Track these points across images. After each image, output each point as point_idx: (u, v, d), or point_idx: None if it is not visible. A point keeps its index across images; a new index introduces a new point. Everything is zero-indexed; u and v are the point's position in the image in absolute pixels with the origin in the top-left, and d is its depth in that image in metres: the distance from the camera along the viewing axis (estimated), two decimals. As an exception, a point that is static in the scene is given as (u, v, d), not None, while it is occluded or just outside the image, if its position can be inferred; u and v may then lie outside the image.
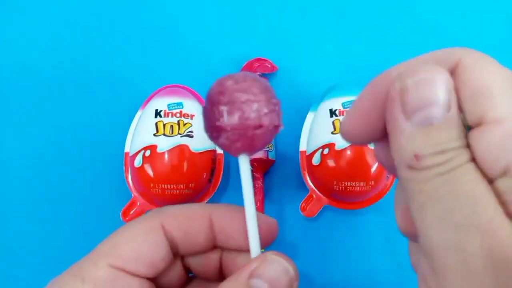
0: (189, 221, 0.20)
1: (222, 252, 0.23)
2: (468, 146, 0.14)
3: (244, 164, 0.19)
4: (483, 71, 0.15)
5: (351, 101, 0.35)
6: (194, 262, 0.22)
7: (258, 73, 0.39)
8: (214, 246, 0.22)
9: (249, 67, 0.39)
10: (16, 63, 0.40)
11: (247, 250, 0.20)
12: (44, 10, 0.41)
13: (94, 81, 0.39)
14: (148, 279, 0.20)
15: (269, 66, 0.39)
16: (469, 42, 0.41)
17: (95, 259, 0.19)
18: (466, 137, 0.14)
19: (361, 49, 0.41)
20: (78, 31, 0.41)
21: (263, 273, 0.18)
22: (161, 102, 0.35)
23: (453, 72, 0.15)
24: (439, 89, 0.14)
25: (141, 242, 0.19)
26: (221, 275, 0.23)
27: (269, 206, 0.37)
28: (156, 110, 0.34)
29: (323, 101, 0.36)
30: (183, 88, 0.36)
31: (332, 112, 0.35)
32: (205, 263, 0.22)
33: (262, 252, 0.19)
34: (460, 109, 0.14)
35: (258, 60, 0.39)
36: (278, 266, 0.18)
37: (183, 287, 0.23)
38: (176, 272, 0.22)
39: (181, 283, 0.23)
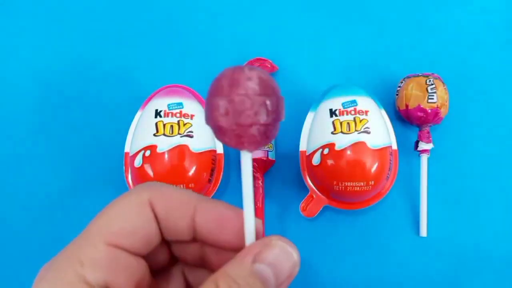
0: (174, 203, 0.20)
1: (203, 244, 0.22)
2: None
3: (245, 159, 0.18)
4: None
5: (351, 101, 0.35)
6: (175, 249, 0.22)
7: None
8: (194, 238, 0.20)
9: (249, 67, 0.39)
10: (16, 63, 0.40)
11: (225, 248, 0.20)
12: (45, 11, 0.41)
13: (94, 81, 0.39)
14: (142, 257, 0.19)
15: (269, 66, 0.39)
16: (469, 42, 0.41)
17: (91, 238, 0.18)
18: None
19: (361, 49, 0.41)
20: (78, 31, 0.41)
21: (267, 257, 0.18)
22: (161, 102, 0.35)
23: None
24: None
25: (134, 216, 0.18)
26: (203, 263, 0.22)
27: (269, 206, 0.37)
28: (156, 110, 0.34)
29: (323, 101, 0.36)
30: (183, 88, 0.36)
31: (332, 112, 0.35)
32: (185, 250, 0.22)
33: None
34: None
35: (258, 60, 0.39)
36: (281, 250, 0.18)
37: (170, 268, 0.22)
38: (164, 252, 0.21)
39: (168, 264, 0.22)
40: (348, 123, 0.34)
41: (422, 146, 0.36)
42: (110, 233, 0.18)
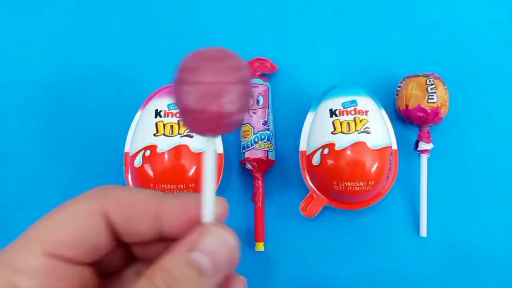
0: (132, 208, 0.18)
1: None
2: None
3: (208, 144, 0.18)
4: None
5: (351, 101, 0.35)
6: (137, 249, 0.21)
7: (258, 73, 0.39)
8: (160, 237, 0.19)
9: (249, 67, 0.39)
10: (16, 62, 0.40)
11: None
12: (45, 10, 0.41)
13: (94, 81, 0.39)
14: (88, 264, 0.18)
15: (269, 66, 0.39)
16: (469, 42, 0.41)
17: (30, 245, 0.17)
18: None
19: (361, 49, 0.41)
20: (78, 31, 0.41)
21: (202, 245, 0.17)
22: (161, 102, 0.35)
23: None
24: None
25: (80, 225, 0.17)
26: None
27: (269, 206, 0.37)
28: (156, 110, 0.34)
29: (323, 101, 0.36)
30: (183, 88, 0.36)
31: (332, 112, 0.35)
32: (149, 251, 0.21)
33: None
34: None
35: (258, 60, 0.39)
36: (217, 237, 0.18)
37: (126, 267, 0.22)
38: (119, 255, 0.20)
39: (123, 265, 0.21)
40: (348, 123, 0.34)
41: (422, 146, 0.36)
42: (50, 242, 0.17)
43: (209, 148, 0.18)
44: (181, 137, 0.33)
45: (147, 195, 0.19)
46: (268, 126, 0.37)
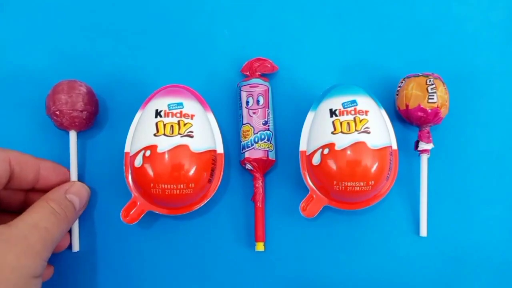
0: (26, 162, 0.32)
1: (28, 193, 0.34)
2: None
3: (72, 137, 0.36)
4: None
5: (351, 101, 0.35)
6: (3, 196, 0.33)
7: (258, 73, 0.39)
8: (33, 188, 0.34)
9: (249, 67, 0.39)
10: (16, 62, 0.40)
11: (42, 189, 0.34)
12: (44, 10, 0.41)
13: (94, 81, 0.39)
14: None
15: (269, 66, 0.39)
16: (469, 41, 0.41)
17: None
18: None
19: (361, 49, 0.41)
20: (77, 31, 0.41)
21: (73, 190, 0.33)
22: (161, 102, 0.35)
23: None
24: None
25: None
26: (22, 207, 0.33)
27: (269, 206, 0.38)
28: (156, 110, 0.34)
29: (323, 101, 0.36)
30: (183, 88, 0.36)
31: (332, 112, 0.35)
32: (12, 198, 0.34)
33: None
34: None
35: (258, 60, 0.39)
36: (81, 186, 0.35)
37: None
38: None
39: None
40: (348, 123, 0.34)
41: (422, 146, 0.36)
42: None
43: (73, 141, 0.36)
44: (181, 137, 0.33)
45: (32, 157, 0.33)
46: (268, 126, 0.37)
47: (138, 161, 0.33)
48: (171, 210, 0.35)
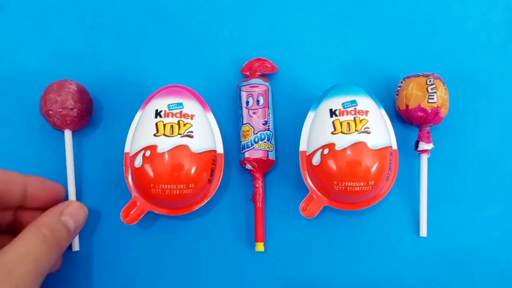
0: (10, 179, 0.31)
1: (17, 211, 0.33)
2: None
3: (67, 136, 0.36)
4: None
5: (351, 101, 0.35)
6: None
7: (258, 73, 0.39)
8: (22, 205, 0.32)
9: (249, 67, 0.39)
10: (16, 62, 0.40)
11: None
12: (44, 10, 0.41)
13: (94, 81, 0.39)
14: None
15: (269, 66, 0.39)
16: (469, 41, 0.41)
17: None
18: None
19: (361, 49, 0.41)
20: (77, 31, 0.41)
21: (68, 211, 0.31)
22: (161, 102, 0.35)
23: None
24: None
25: None
26: (13, 226, 0.32)
27: (269, 206, 0.38)
28: (156, 110, 0.34)
29: (323, 101, 0.36)
30: (183, 88, 0.36)
31: (332, 112, 0.35)
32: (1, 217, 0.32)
33: None
34: None
35: (258, 60, 0.39)
36: (78, 206, 0.33)
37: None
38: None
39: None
40: (348, 123, 0.34)
41: (422, 146, 0.36)
42: None
43: (69, 140, 0.36)
44: (181, 137, 0.33)
45: (18, 173, 0.32)
46: (268, 126, 0.37)
47: (138, 161, 0.33)
48: (171, 210, 0.35)
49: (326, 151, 0.34)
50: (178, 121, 0.34)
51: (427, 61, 0.41)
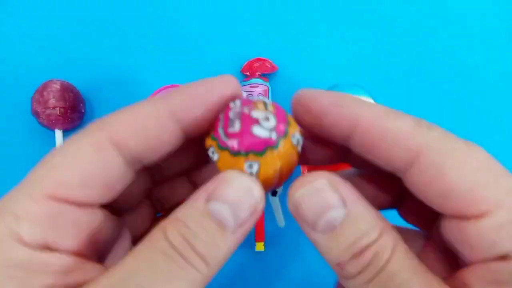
0: (143, 126, 0.16)
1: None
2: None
3: (58, 136, 0.36)
4: (453, 166, 0.14)
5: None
6: (158, 173, 0.20)
7: (258, 73, 0.39)
8: (187, 140, 0.17)
9: (249, 67, 0.39)
10: (16, 61, 0.40)
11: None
12: (44, 9, 0.41)
13: (95, 82, 0.39)
14: (103, 206, 0.16)
15: (269, 66, 0.39)
16: (468, 41, 0.41)
17: (30, 188, 0.15)
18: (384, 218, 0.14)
19: (361, 49, 0.41)
20: (78, 31, 0.41)
21: (222, 194, 0.15)
22: (161, 102, 0.35)
23: (413, 161, 0.14)
24: (326, 193, 0.14)
25: (88, 161, 0.15)
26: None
27: (269, 205, 0.37)
28: (156, 110, 0.34)
29: (323, 101, 0.36)
30: (183, 88, 0.36)
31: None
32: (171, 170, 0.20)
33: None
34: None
35: (258, 60, 0.39)
36: (239, 185, 0.15)
37: (150, 220, 0.20)
38: (136, 189, 0.19)
39: (141, 200, 0.20)
40: (348, 123, 0.34)
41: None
42: (52, 183, 0.14)
43: (60, 139, 0.36)
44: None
45: (152, 104, 0.17)
46: (268, 126, 0.37)
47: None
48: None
49: (326, 151, 0.34)
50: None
51: (427, 61, 0.41)
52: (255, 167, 0.16)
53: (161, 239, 0.14)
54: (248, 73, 0.39)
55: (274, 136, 0.16)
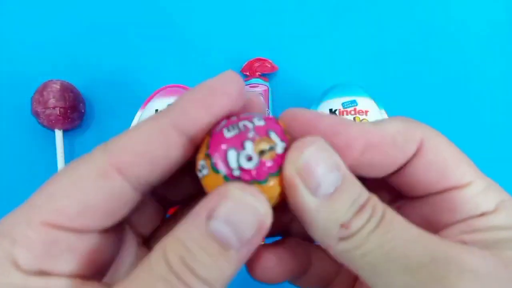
0: (148, 147, 0.15)
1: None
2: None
3: (58, 137, 0.36)
4: (445, 153, 0.17)
5: (351, 101, 0.35)
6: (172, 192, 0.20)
7: (258, 73, 0.39)
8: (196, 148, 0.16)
9: (249, 67, 0.39)
10: (15, 62, 0.40)
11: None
12: (44, 10, 0.41)
13: (95, 82, 0.39)
14: (104, 230, 0.15)
15: (269, 66, 0.39)
16: (468, 42, 0.41)
17: (28, 214, 0.14)
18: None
19: (361, 49, 0.41)
20: (78, 31, 0.41)
21: (223, 212, 0.13)
22: (161, 102, 0.35)
23: (418, 150, 0.16)
24: (331, 151, 0.15)
25: (89, 189, 0.14)
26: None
27: (269, 206, 0.37)
28: (156, 110, 0.34)
29: (323, 101, 0.36)
30: (183, 88, 0.36)
31: (332, 112, 0.35)
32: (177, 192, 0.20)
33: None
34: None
35: (258, 60, 0.39)
36: (239, 202, 0.14)
37: (158, 218, 0.20)
38: (150, 210, 0.19)
39: (155, 222, 0.20)
40: (348, 123, 0.34)
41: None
42: (49, 211, 0.14)
43: (59, 140, 0.36)
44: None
45: (153, 125, 0.15)
46: (268, 126, 0.37)
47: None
48: (170, 210, 0.35)
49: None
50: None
51: (427, 61, 0.41)
52: None
53: (161, 262, 0.13)
54: (248, 73, 0.39)
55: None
